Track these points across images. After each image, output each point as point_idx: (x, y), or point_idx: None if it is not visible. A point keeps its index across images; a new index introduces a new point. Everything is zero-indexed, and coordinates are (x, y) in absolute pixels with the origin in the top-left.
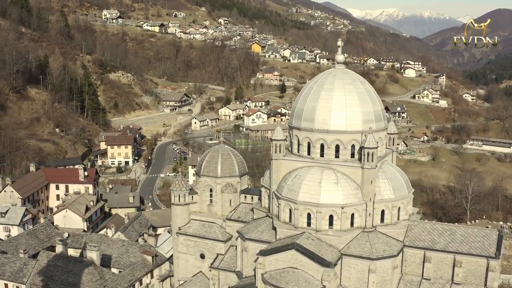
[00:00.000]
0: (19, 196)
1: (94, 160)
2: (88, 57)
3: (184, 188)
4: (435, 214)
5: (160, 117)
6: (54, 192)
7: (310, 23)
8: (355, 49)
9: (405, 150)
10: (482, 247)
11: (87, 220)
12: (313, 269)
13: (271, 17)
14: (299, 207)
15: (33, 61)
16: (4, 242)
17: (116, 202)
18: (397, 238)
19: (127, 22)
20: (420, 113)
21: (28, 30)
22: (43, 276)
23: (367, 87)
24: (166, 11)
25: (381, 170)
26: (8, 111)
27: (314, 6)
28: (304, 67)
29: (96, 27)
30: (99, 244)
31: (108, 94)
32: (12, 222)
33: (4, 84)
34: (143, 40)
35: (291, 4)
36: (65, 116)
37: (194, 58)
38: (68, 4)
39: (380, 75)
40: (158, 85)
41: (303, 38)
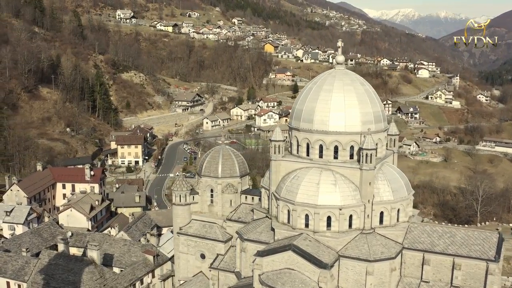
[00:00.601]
0: (25, 195)
1: (105, 160)
2: (101, 57)
3: (185, 188)
4: (446, 215)
5: (172, 117)
6: (61, 191)
7: (325, 23)
8: (369, 50)
9: (417, 151)
10: (482, 250)
11: (92, 219)
12: (310, 270)
13: (286, 17)
14: (297, 208)
15: (45, 60)
16: (8, 241)
17: (122, 201)
18: (396, 240)
19: (141, 22)
20: (433, 114)
21: (41, 30)
22: (44, 275)
23: (367, 88)
24: (180, 11)
25: (380, 171)
26: (20, 111)
27: (329, 6)
28: (317, 67)
29: (109, 27)
30: (99, 244)
31: (120, 94)
32: (17, 221)
33: (16, 84)
34: (156, 40)
35: (306, 4)
36: (76, 115)
37: (207, 58)
38: (82, 4)
39: (393, 75)
40: (171, 85)
41: (317, 38)
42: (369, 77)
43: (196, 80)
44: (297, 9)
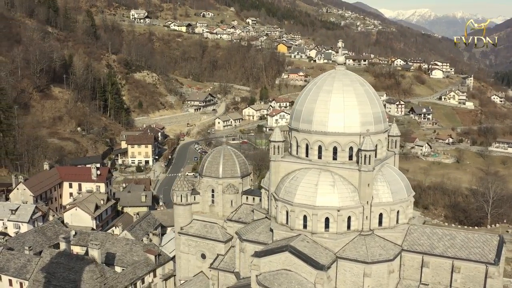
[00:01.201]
0: (31, 194)
1: (115, 159)
2: (114, 56)
3: (186, 188)
4: (457, 217)
5: (184, 117)
6: (68, 190)
7: (340, 23)
8: (383, 50)
9: (429, 152)
10: (482, 253)
11: (97, 218)
12: (307, 271)
13: (300, 17)
14: (295, 209)
15: (57, 60)
16: (12, 239)
17: (128, 201)
18: (395, 242)
19: (155, 22)
20: (446, 115)
21: (55, 29)
22: (46, 273)
23: (366, 89)
24: (194, 11)
25: (380, 172)
26: (31, 110)
27: (344, 6)
28: (330, 67)
29: (123, 27)
30: (100, 242)
31: (132, 94)
32: (22, 219)
33: (28, 83)
34: (170, 40)
35: (321, 4)
36: (87, 115)
37: (220, 58)
38: (97, 4)
39: (406, 76)
40: (183, 85)
41: (331, 39)
42: (382, 78)
43: (209, 80)
44: (312, 9)
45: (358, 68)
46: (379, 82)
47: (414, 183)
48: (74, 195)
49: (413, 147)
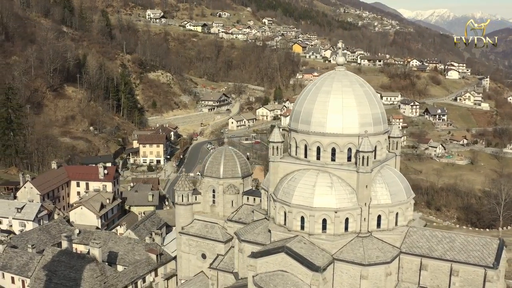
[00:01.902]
0: (38, 192)
1: (127, 158)
2: (128, 56)
3: (187, 188)
4: (469, 219)
5: (198, 117)
6: (75, 189)
7: (358, 23)
8: (400, 50)
9: (443, 153)
10: (481, 256)
11: (102, 217)
12: (302, 273)
13: (317, 18)
14: (293, 210)
15: (70, 60)
16: (16, 237)
17: (135, 200)
18: (393, 244)
19: (170, 22)
20: (461, 116)
21: (70, 29)
22: (47, 271)
23: (366, 90)
24: (211, 11)
25: (379, 174)
26: (44, 109)
27: (362, 6)
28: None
29: (138, 27)
30: (105, 241)
31: (146, 93)
32: (27, 218)
33: (41, 83)
34: (185, 40)
35: (339, 4)
36: (100, 114)
37: (235, 58)
38: (113, 4)
39: (421, 76)
40: (198, 85)
41: (347, 39)
42: (397, 78)
43: (223, 80)
44: (330, 9)
45: (373, 69)
46: (394, 82)
47: (426, 184)
48: (82, 194)
49: (427, 148)
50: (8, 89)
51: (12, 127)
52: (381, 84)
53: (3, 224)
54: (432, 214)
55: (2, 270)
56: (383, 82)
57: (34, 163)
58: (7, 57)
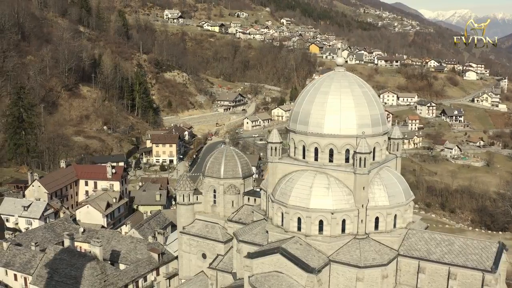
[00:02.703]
0: (46, 191)
1: (140, 158)
2: (144, 56)
3: (188, 188)
4: (483, 221)
5: (213, 117)
6: (83, 188)
7: (378, 24)
8: (419, 51)
9: (459, 155)
10: (479, 260)
11: (109, 216)
12: (297, 274)
13: (336, 18)
14: (290, 211)
15: (86, 59)
16: (21, 235)
17: (143, 199)
18: (391, 246)
19: (188, 22)
20: (478, 117)
21: (87, 29)
22: (49, 269)
23: (365, 91)
24: (229, 11)
25: (378, 176)
26: (59, 109)
27: (382, 6)
28: (361, 68)
29: (156, 27)
30: (104, 240)
31: (162, 93)
32: (33, 216)
33: (56, 82)
34: (202, 40)
35: (359, 4)
36: (114, 114)
37: (252, 58)
38: (131, 4)
39: (439, 77)
40: (214, 85)
41: (366, 39)
42: (414, 79)
43: (240, 80)
44: (349, 10)
45: (390, 69)
46: (411, 83)
47: (441, 186)
48: (90, 193)
49: (442, 149)
50: (19, 89)
51: (23, 126)
52: (398, 85)
53: (10, 222)
54: (446, 216)
55: (6, 267)
56: (399, 83)
57: (45, 162)
58: (22, 56)
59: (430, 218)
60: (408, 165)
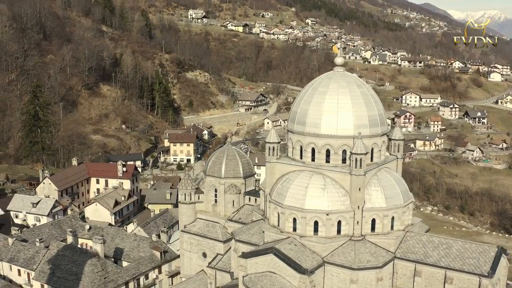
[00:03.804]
0: (56, 188)
1: (158, 157)
2: (167, 55)
3: (189, 187)
4: (503, 225)
5: (234, 116)
6: (95, 186)
7: (405, 24)
8: (445, 51)
9: (480, 157)
10: (476, 264)
11: (117, 214)
12: (290, 274)
13: (363, 18)
14: (285, 211)
15: (107, 59)
16: (28, 231)
17: (153, 198)
18: (388, 249)
19: (212, 22)
20: (502, 119)
21: (110, 29)
22: (51, 265)
23: (363, 91)
24: (254, 11)
25: (375, 177)
26: (79, 107)
27: (410, 7)
28: (384, 69)
29: (180, 27)
30: (108, 237)
31: (183, 93)
32: (42, 213)
33: (76, 81)
34: (226, 40)
35: (386, 5)
36: (134, 113)
37: (275, 59)
38: (155, 4)
39: (462, 78)
40: (236, 85)
41: (391, 40)
42: (437, 80)
43: (262, 80)
44: (377, 10)
45: (413, 70)
46: (434, 84)
47: (461, 188)
48: (101, 191)
49: (464, 151)
50: (35, 87)
51: (39, 124)
52: (421, 86)
53: (18, 219)
54: (465, 219)
55: (10, 262)
56: (423, 84)
57: (60, 160)
58: (43, 55)
59: (448, 220)
60: (428, 167)
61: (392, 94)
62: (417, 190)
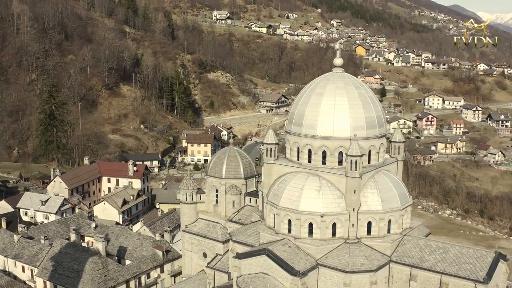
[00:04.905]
0: (66, 187)
1: (175, 157)
2: (189, 56)
3: (191, 187)
4: None
5: (255, 117)
6: (106, 185)
7: (432, 26)
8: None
9: (502, 161)
10: (472, 270)
11: (125, 213)
12: (282, 276)
13: (390, 20)
14: (281, 212)
15: (127, 59)
16: (34, 228)
17: (164, 198)
18: (383, 252)
19: (236, 23)
20: None
21: (132, 29)
22: (54, 262)
23: (361, 92)
24: (279, 12)
25: (372, 179)
26: (99, 107)
27: (438, 9)
28: (408, 71)
29: (203, 28)
30: (111, 236)
31: (205, 93)
32: (50, 211)
33: (97, 81)
34: (249, 41)
35: (414, 6)
36: (153, 113)
37: (298, 60)
38: (180, 5)
39: (486, 81)
40: (258, 86)
41: (417, 42)
42: (461, 82)
43: (285, 82)
44: (404, 12)
45: (436, 72)
46: (458, 86)
47: (481, 192)
48: (112, 190)
49: (485, 155)
50: (51, 87)
51: (55, 123)
52: (444, 88)
53: (27, 216)
54: (483, 223)
55: (15, 259)
56: (446, 86)
57: (75, 159)
58: (64, 55)
59: (465, 224)
60: (449, 170)
61: (415, 96)
62: (437, 193)
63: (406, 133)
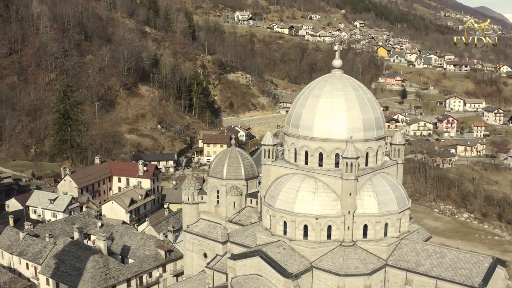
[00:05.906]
0: (76, 186)
1: (191, 157)
2: (209, 57)
3: (192, 187)
4: None
5: (274, 118)
6: (117, 184)
7: (458, 27)
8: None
9: None
10: (468, 275)
11: (133, 212)
12: (276, 278)
13: (414, 21)
14: (276, 214)
15: (146, 60)
16: (40, 226)
17: (173, 198)
18: (379, 255)
19: (258, 24)
20: None
21: (153, 30)
22: (57, 259)
23: (360, 94)
24: (302, 13)
25: (369, 182)
26: (117, 107)
27: (464, 10)
28: (429, 72)
29: (225, 28)
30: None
31: (224, 94)
32: (58, 209)
33: (115, 81)
34: (271, 42)
35: (440, 8)
36: (170, 113)
37: (319, 61)
38: (202, 6)
39: (509, 83)
40: (278, 87)
41: (440, 43)
42: (483, 84)
43: (306, 83)
44: (429, 13)
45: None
46: (480, 89)
47: (499, 196)
48: (122, 189)
49: (506, 158)
50: (66, 86)
51: (69, 123)
52: (466, 90)
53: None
54: (501, 227)
55: (19, 256)
56: (467, 88)
57: (88, 158)
58: (83, 56)
59: (482, 228)
60: (468, 173)
61: (436, 98)
62: (455, 196)
63: (426, 135)
